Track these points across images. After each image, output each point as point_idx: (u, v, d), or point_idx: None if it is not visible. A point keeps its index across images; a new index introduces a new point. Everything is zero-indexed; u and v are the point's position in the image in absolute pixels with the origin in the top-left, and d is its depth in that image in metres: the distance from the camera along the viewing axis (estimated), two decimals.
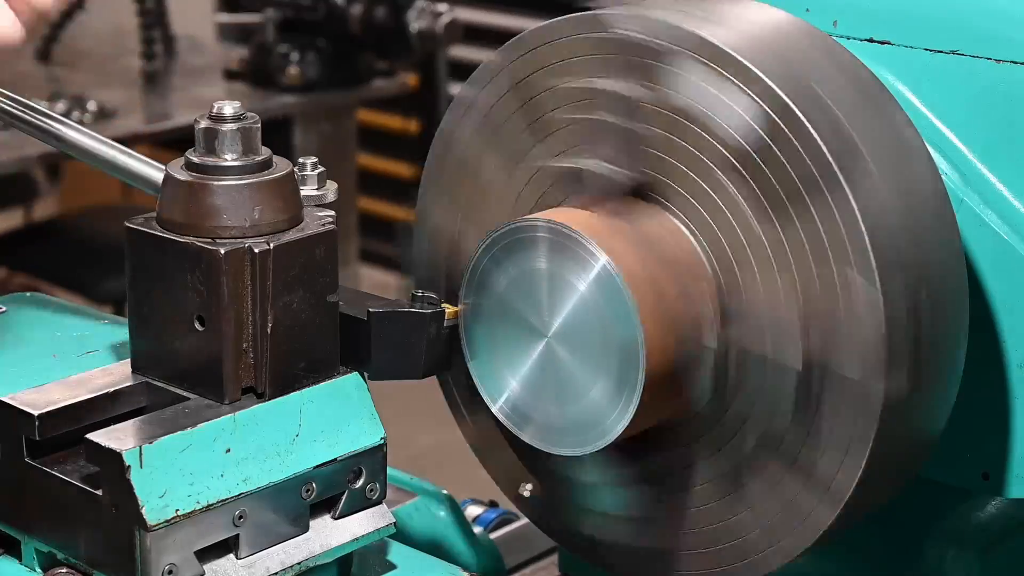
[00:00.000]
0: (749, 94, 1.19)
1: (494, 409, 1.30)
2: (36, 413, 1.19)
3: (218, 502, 1.15)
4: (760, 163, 1.19)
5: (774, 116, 1.18)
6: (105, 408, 1.23)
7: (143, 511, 1.12)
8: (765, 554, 1.26)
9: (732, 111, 1.20)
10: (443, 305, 1.31)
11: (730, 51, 1.20)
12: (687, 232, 1.25)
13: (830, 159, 1.16)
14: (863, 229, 1.15)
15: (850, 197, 1.16)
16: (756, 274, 1.21)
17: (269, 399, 1.20)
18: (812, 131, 1.17)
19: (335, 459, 1.22)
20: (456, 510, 1.66)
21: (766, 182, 1.19)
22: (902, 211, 1.20)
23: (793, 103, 1.17)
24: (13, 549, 1.24)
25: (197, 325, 1.19)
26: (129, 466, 1.12)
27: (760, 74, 1.18)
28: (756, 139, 1.19)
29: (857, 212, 1.16)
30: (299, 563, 1.20)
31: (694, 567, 1.30)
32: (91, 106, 4.21)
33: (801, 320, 1.19)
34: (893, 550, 1.48)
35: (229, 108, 1.21)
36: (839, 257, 1.17)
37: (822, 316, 1.18)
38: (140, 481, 1.12)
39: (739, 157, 1.20)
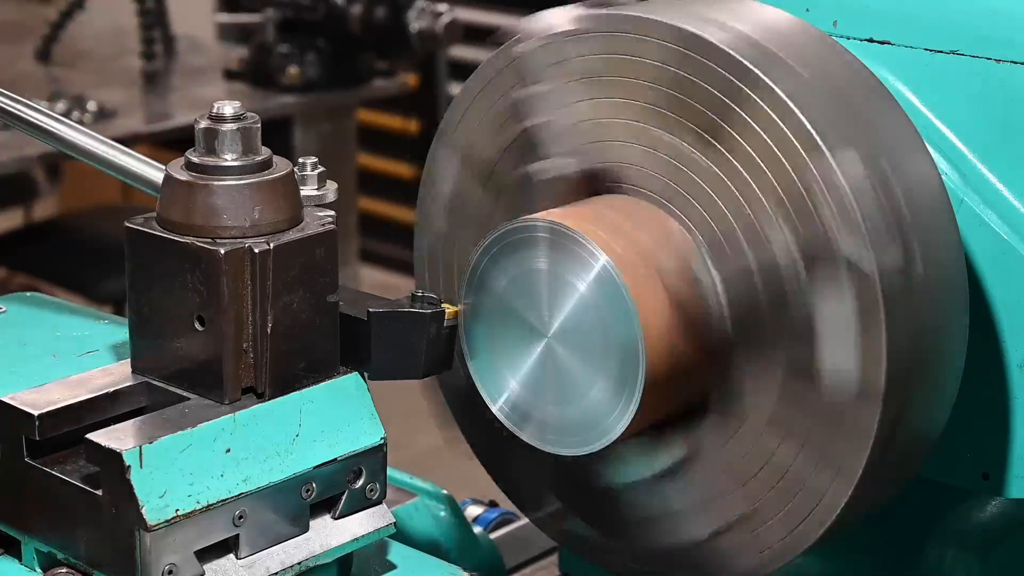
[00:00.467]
0: (657, 41, 1.23)
1: (494, 409, 1.30)
2: (36, 413, 1.19)
3: (218, 502, 1.15)
4: (683, 97, 1.21)
5: (682, 49, 1.21)
6: (105, 408, 1.23)
7: (143, 511, 1.12)
8: (762, 555, 1.25)
9: (644, 64, 1.24)
10: (443, 305, 1.31)
11: (644, 14, 1.23)
12: (661, 208, 1.26)
13: (744, 62, 1.19)
14: (794, 109, 1.17)
15: (776, 89, 1.18)
16: (722, 207, 1.22)
17: (269, 399, 1.20)
18: (720, 45, 1.20)
19: (335, 459, 1.22)
20: (456, 510, 1.66)
21: (693, 112, 1.22)
22: (906, 206, 1.20)
23: (704, 33, 1.20)
24: (13, 549, 1.24)
25: (197, 325, 1.19)
26: (129, 466, 1.12)
27: (660, 19, 1.22)
28: (671, 78, 1.22)
29: (785, 97, 1.17)
30: (299, 563, 1.20)
31: (692, 567, 1.30)
32: (91, 106, 4.21)
33: (781, 223, 1.20)
34: (893, 550, 1.48)
35: (229, 108, 1.21)
36: (787, 149, 1.18)
37: (799, 212, 1.19)
38: (140, 481, 1.12)
39: (666, 103, 1.23)
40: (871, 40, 1.37)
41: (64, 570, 1.20)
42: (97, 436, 1.14)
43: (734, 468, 1.26)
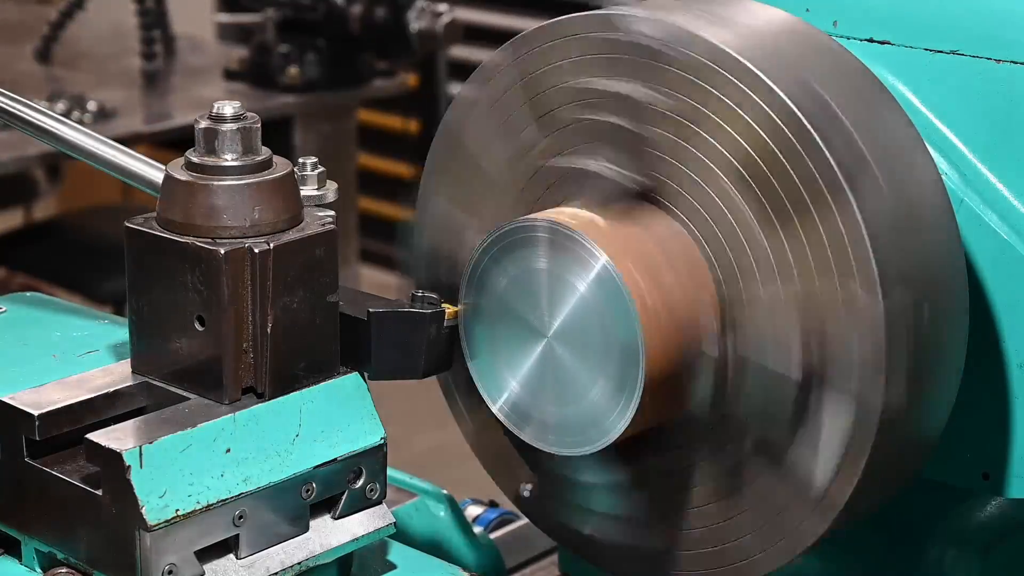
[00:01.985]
0: (757, 101, 1.19)
1: (494, 409, 1.30)
2: (36, 413, 1.19)
3: (218, 502, 1.15)
4: (766, 171, 1.19)
5: (781, 125, 1.18)
6: (105, 408, 1.23)
7: (143, 511, 1.12)
8: (761, 557, 1.26)
9: (739, 117, 1.19)
10: (443, 305, 1.31)
11: (738, 56, 1.19)
12: (690, 237, 1.24)
13: (836, 170, 1.16)
14: (867, 241, 1.15)
15: (855, 208, 1.15)
16: (758, 282, 1.21)
17: (269, 399, 1.20)
18: (819, 140, 1.16)
19: (335, 459, 1.22)
20: (456, 510, 1.66)
21: (771, 191, 1.19)
22: (905, 223, 1.19)
23: (800, 111, 1.17)
24: (13, 549, 1.24)
25: (197, 325, 1.19)
26: (129, 466, 1.12)
27: (767, 80, 1.18)
28: (763, 147, 1.19)
29: (861, 223, 1.15)
30: (299, 563, 1.20)
31: (690, 568, 1.30)
32: (91, 106, 4.21)
33: (802, 331, 1.19)
34: (893, 550, 1.48)
35: (229, 108, 1.21)
36: (842, 269, 1.16)
37: (823, 328, 1.18)
38: (140, 481, 1.12)
39: (745, 165, 1.20)
40: (871, 40, 1.37)
41: (64, 570, 1.20)
42: (97, 436, 1.14)
43: (717, 481, 1.26)
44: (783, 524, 1.23)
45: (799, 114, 1.17)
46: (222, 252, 1.17)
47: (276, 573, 1.19)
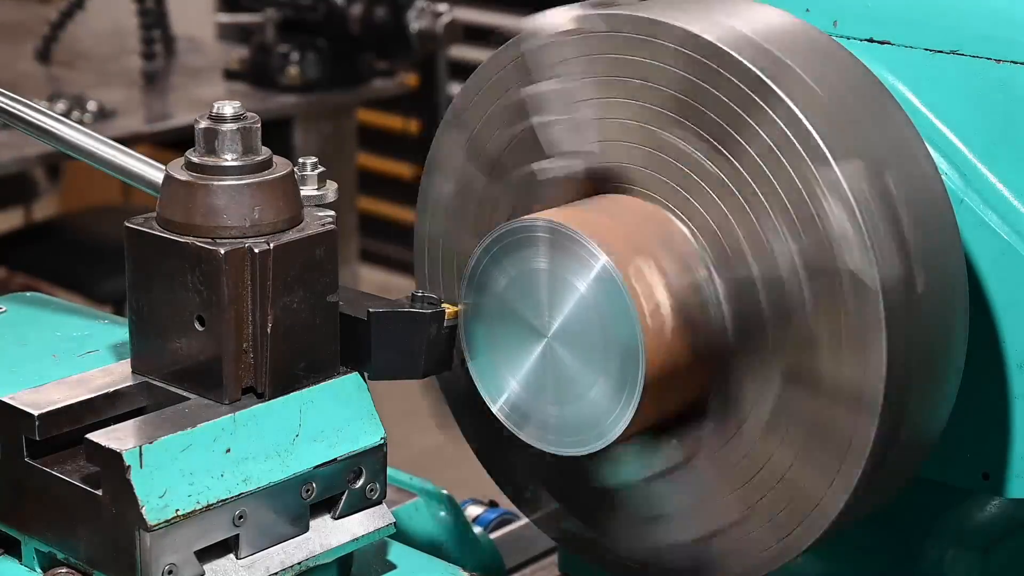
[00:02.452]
0: (668, 46, 1.22)
1: (494, 409, 1.30)
2: (36, 413, 1.19)
3: (218, 502, 1.15)
4: (695, 104, 1.21)
5: (696, 56, 1.21)
6: (105, 408, 1.23)
7: (143, 511, 1.12)
8: (762, 556, 1.25)
9: (657, 68, 1.23)
10: (443, 305, 1.31)
11: (664, 19, 1.23)
12: (666, 211, 1.26)
13: (755, 71, 1.19)
14: (804, 120, 1.17)
15: (786, 99, 1.18)
16: (727, 214, 1.22)
17: (269, 399, 1.20)
18: (737, 56, 1.19)
19: (335, 459, 1.22)
20: (456, 510, 1.66)
21: (707, 120, 1.21)
22: (905, 213, 1.20)
23: (719, 41, 1.20)
24: (13, 549, 1.24)
25: (197, 325, 1.19)
26: (129, 466, 1.12)
27: (673, 23, 1.22)
28: (683, 81, 1.22)
29: (796, 109, 1.17)
30: (299, 563, 1.20)
31: (692, 567, 1.30)
32: (91, 106, 4.21)
33: (786, 233, 1.19)
34: (893, 550, 1.48)
35: (229, 108, 1.21)
36: (795, 159, 1.18)
37: (804, 223, 1.19)
38: (140, 481, 1.12)
39: (674, 108, 1.22)
40: (871, 40, 1.37)
41: (64, 570, 1.20)
42: (97, 436, 1.14)
43: (729, 472, 1.26)
44: (783, 523, 1.23)
45: (714, 41, 1.20)
46: (222, 252, 1.17)
47: (276, 573, 1.19)
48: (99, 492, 1.15)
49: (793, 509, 1.23)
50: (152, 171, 1.29)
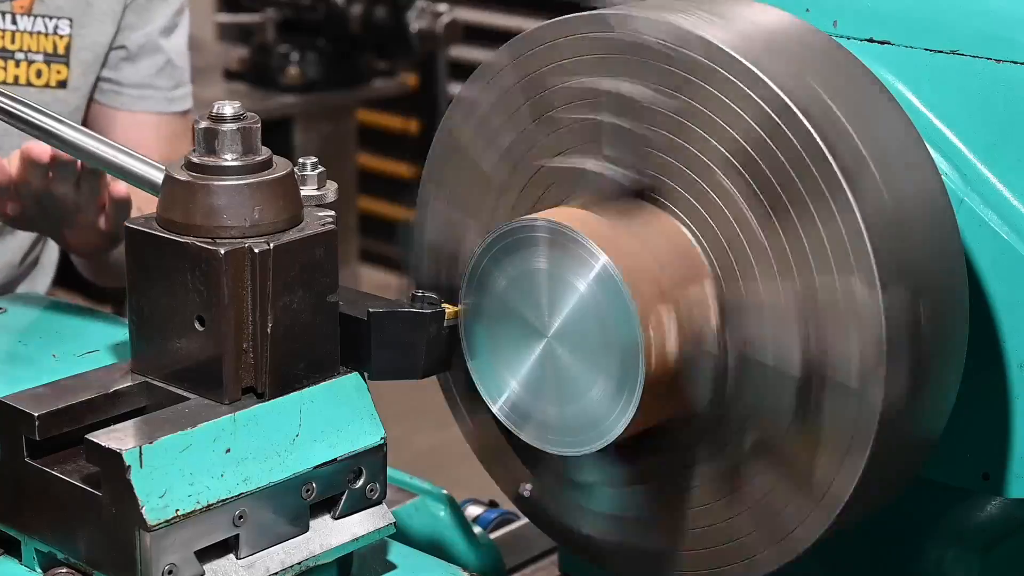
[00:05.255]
0: (750, 95, 1.19)
1: (494, 409, 1.30)
2: (36, 413, 1.19)
3: (218, 502, 1.15)
4: (760, 164, 1.19)
5: (774, 116, 1.18)
6: (105, 408, 1.23)
7: (143, 511, 1.12)
8: (762, 556, 1.26)
9: (734, 112, 1.20)
10: (443, 305, 1.31)
11: (733, 53, 1.19)
12: (688, 233, 1.24)
13: (834, 165, 1.16)
14: (866, 236, 1.15)
15: (853, 204, 1.15)
16: (757, 277, 1.21)
17: (269, 399, 1.20)
18: (812, 132, 1.16)
19: (335, 459, 1.22)
20: (456, 510, 1.66)
21: (769, 187, 1.19)
22: (904, 217, 1.19)
23: (796, 107, 1.17)
24: (13, 549, 1.24)
25: (197, 325, 1.19)
26: (129, 466, 1.12)
27: (760, 75, 1.18)
28: (760, 144, 1.19)
29: (860, 219, 1.15)
30: (299, 563, 1.20)
31: (691, 568, 1.30)
32: None
33: (801, 327, 1.19)
34: (893, 550, 1.48)
35: (229, 108, 1.21)
36: (841, 263, 1.16)
37: (822, 323, 1.18)
38: (140, 481, 1.12)
39: (740, 157, 1.20)
40: (871, 40, 1.37)
41: (64, 570, 1.20)
42: (97, 436, 1.14)
43: (717, 481, 1.26)
44: (785, 523, 1.23)
45: (795, 109, 1.17)
46: (222, 252, 1.17)
47: (276, 573, 1.19)
48: (99, 492, 1.15)
49: (776, 526, 1.23)
50: (152, 171, 1.29)
